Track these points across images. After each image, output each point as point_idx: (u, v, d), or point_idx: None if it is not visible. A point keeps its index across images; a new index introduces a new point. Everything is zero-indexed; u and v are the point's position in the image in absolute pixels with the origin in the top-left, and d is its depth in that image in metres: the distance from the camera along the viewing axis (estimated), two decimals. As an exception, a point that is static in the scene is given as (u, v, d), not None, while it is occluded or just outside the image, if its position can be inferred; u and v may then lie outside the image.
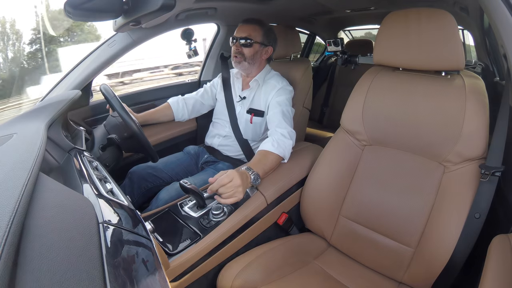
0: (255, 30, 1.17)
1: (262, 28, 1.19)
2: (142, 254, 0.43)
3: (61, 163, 0.68)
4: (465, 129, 0.74)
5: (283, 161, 1.02)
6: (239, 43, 1.17)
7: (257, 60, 1.20)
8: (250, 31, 1.17)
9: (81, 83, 1.16)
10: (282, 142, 1.00)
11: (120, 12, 0.85)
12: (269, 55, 1.23)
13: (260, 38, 1.18)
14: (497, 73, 1.41)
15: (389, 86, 0.89)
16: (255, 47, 1.18)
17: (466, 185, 0.73)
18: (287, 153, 1.01)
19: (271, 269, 0.81)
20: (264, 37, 1.19)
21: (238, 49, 1.17)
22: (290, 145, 1.02)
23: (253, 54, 1.18)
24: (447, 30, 0.74)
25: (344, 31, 2.75)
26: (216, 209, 0.84)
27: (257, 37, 1.17)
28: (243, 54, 1.17)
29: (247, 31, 1.17)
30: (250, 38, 1.16)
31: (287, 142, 1.01)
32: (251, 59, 1.19)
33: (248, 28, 1.17)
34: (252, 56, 1.18)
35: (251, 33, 1.17)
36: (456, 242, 0.70)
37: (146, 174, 1.18)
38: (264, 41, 1.19)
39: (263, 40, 1.19)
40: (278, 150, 0.98)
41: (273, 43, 1.24)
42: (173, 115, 1.32)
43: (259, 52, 1.19)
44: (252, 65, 1.20)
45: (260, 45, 1.19)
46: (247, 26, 1.18)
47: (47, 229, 0.33)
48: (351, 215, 0.91)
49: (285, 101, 1.14)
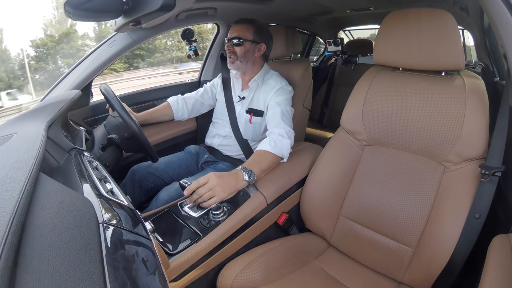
0: (246, 29, 1.19)
1: (253, 26, 1.19)
2: (142, 254, 0.43)
3: (61, 163, 0.68)
4: (465, 129, 0.74)
5: (283, 160, 1.02)
6: (231, 43, 1.19)
7: (249, 58, 1.20)
8: (240, 30, 1.18)
9: (81, 83, 1.17)
10: (279, 141, 1.00)
11: (120, 12, 0.85)
12: (262, 52, 1.23)
13: (251, 36, 1.19)
14: (497, 73, 1.41)
15: (389, 86, 0.89)
16: (246, 45, 1.18)
17: (466, 185, 0.73)
18: (285, 152, 1.01)
19: (271, 269, 0.81)
20: (255, 34, 1.19)
21: (230, 49, 1.19)
22: (288, 144, 1.02)
23: (245, 52, 1.19)
24: (447, 30, 0.74)
25: (344, 31, 2.75)
26: (216, 209, 0.84)
27: (248, 35, 1.18)
28: (235, 53, 1.19)
29: (238, 31, 1.18)
30: (240, 37, 1.17)
31: (284, 141, 1.01)
32: (243, 57, 1.19)
33: (238, 28, 1.19)
34: (243, 54, 1.19)
35: (241, 32, 1.18)
36: (456, 242, 0.70)
37: (148, 173, 1.18)
38: (256, 39, 1.20)
39: (254, 37, 1.19)
40: (275, 149, 0.98)
41: (266, 40, 1.23)
42: (172, 114, 1.32)
43: (250, 50, 1.20)
44: (245, 63, 1.20)
45: (251, 43, 1.19)
46: (238, 26, 1.19)
47: (47, 229, 0.33)
48: (351, 215, 0.91)
49: (284, 101, 1.14)
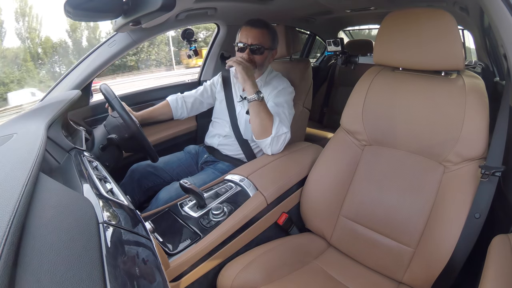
0: (264, 35, 1.13)
1: (270, 32, 1.15)
2: (142, 254, 0.43)
3: (61, 163, 0.68)
4: (465, 129, 0.74)
5: (267, 138, 1.04)
6: (249, 50, 1.12)
7: (265, 65, 1.19)
8: (260, 37, 1.12)
9: (81, 83, 1.17)
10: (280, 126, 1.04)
11: (120, 12, 0.86)
12: (274, 57, 1.23)
13: (270, 43, 1.15)
14: (497, 73, 1.41)
15: (389, 86, 0.89)
16: (266, 53, 1.15)
17: (466, 185, 0.73)
18: (279, 132, 1.04)
19: (271, 269, 0.81)
20: (272, 41, 1.17)
21: (250, 57, 1.13)
22: (284, 132, 1.05)
23: (264, 60, 1.16)
24: (447, 30, 0.74)
25: (344, 31, 2.75)
26: (216, 209, 0.84)
27: (267, 42, 1.14)
28: (254, 62, 1.14)
29: (257, 37, 1.12)
30: (262, 45, 1.12)
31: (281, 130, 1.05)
32: (261, 65, 1.17)
33: (257, 34, 1.12)
34: (262, 62, 1.16)
35: (261, 39, 1.12)
36: (456, 242, 0.70)
37: (147, 172, 1.18)
38: (272, 45, 1.17)
39: (271, 44, 1.16)
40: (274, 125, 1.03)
41: (277, 45, 1.23)
42: (171, 113, 1.31)
43: (268, 57, 1.18)
44: (260, 70, 1.20)
45: (269, 51, 1.17)
46: (256, 31, 1.12)
47: (47, 229, 0.33)
48: (351, 215, 0.91)
49: (283, 103, 1.13)
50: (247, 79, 1.03)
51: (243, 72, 1.03)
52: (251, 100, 1.03)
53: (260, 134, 1.05)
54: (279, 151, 1.08)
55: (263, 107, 1.03)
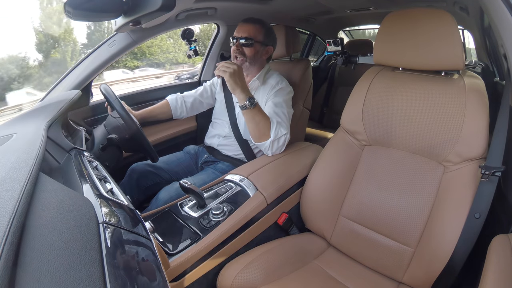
0: (256, 30, 1.16)
1: (263, 27, 1.18)
2: (142, 254, 0.43)
3: (61, 163, 0.69)
4: (465, 129, 0.74)
5: (265, 141, 1.04)
6: (239, 43, 1.16)
7: (258, 60, 1.20)
8: (251, 30, 1.16)
9: (81, 83, 1.17)
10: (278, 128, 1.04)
11: (120, 12, 0.85)
12: (269, 54, 1.23)
13: (261, 37, 1.17)
14: (497, 73, 1.41)
15: (389, 86, 0.89)
16: (256, 46, 1.17)
17: (466, 185, 0.73)
18: (278, 134, 1.04)
19: (271, 269, 0.81)
20: (265, 36, 1.18)
21: (239, 49, 1.16)
22: (283, 134, 1.05)
23: (254, 54, 1.17)
24: (446, 30, 0.74)
25: (344, 31, 2.75)
26: (216, 209, 0.84)
27: (258, 36, 1.17)
28: (244, 54, 1.16)
29: (248, 31, 1.16)
30: (251, 37, 1.15)
31: (280, 132, 1.04)
32: (252, 59, 1.18)
33: (248, 28, 1.16)
34: (253, 56, 1.17)
35: (252, 32, 1.15)
36: (456, 242, 0.70)
37: (146, 171, 1.18)
38: (265, 41, 1.19)
39: (264, 39, 1.18)
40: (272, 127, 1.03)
41: (273, 43, 1.24)
42: (171, 112, 1.31)
43: (260, 52, 1.19)
44: (253, 65, 1.20)
45: (261, 45, 1.18)
46: (248, 26, 1.16)
47: (47, 229, 0.33)
48: (351, 215, 0.91)
49: (282, 103, 1.13)
50: (235, 87, 1.01)
51: (231, 80, 1.00)
52: (243, 109, 1.02)
53: (257, 138, 1.05)
54: (280, 152, 1.08)
55: (256, 112, 1.02)
